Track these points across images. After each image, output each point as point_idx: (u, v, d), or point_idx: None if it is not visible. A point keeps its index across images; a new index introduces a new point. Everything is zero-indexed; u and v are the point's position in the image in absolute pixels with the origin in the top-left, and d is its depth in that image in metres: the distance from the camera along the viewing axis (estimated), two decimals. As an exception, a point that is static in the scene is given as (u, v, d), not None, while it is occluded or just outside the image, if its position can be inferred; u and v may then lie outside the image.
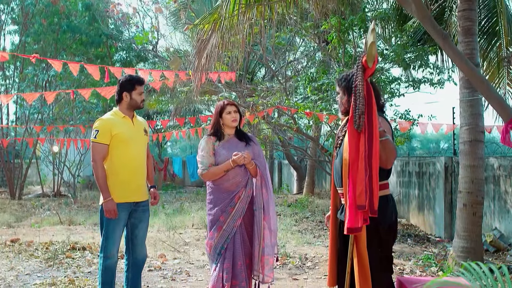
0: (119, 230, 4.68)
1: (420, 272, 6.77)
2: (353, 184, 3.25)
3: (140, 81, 4.77)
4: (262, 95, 10.94)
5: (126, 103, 4.74)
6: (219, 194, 4.64)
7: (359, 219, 3.24)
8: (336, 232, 3.79)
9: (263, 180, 4.63)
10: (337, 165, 3.66)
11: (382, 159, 3.33)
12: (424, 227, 11.87)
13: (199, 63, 8.07)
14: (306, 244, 8.66)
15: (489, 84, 5.34)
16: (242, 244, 4.59)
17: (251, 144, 4.77)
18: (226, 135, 4.74)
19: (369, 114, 3.23)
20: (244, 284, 4.53)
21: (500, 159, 9.37)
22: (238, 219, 4.57)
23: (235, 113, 4.69)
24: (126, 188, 4.66)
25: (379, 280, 3.46)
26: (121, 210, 4.62)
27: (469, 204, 7.31)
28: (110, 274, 4.67)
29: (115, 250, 4.66)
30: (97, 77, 8.79)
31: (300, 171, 19.69)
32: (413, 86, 12.89)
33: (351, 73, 3.59)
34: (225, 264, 4.51)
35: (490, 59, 10.73)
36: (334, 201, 3.82)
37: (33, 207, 15.41)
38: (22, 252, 7.71)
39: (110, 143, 4.61)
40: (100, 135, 4.59)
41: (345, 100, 3.62)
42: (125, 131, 4.67)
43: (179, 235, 9.42)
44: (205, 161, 4.63)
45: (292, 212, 12.50)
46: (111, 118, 4.72)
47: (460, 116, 7.62)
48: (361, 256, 3.38)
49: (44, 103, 16.43)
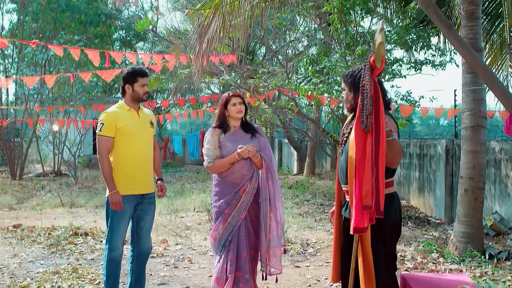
0: (125, 222, 4.70)
1: (421, 259, 6.79)
2: (360, 184, 3.23)
3: (142, 73, 4.75)
4: (263, 78, 10.87)
5: (129, 95, 4.73)
6: (224, 186, 4.64)
7: (365, 219, 3.23)
8: (340, 228, 3.78)
9: (269, 172, 4.62)
10: (342, 163, 3.64)
11: (388, 158, 3.31)
12: (425, 209, 11.91)
13: (200, 48, 8.01)
14: (307, 229, 8.69)
15: (493, 74, 5.30)
16: (246, 236, 4.59)
17: (257, 136, 4.74)
18: (232, 127, 4.72)
19: (376, 114, 3.21)
20: (248, 276, 4.55)
21: (501, 142, 9.35)
22: (243, 212, 4.57)
23: (240, 104, 4.67)
24: (132, 181, 4.67)
25: (383, 278, 3.46)
26: (127, 202, 4.63)
27: (470, 189, 7.32)
28: (115, 265, 4.70)
29: (120, 242, 4.69)
30: (97, 62, 8.72)
31: (300, 151, 19.67)
32: (415, 68, 12.85)
33: (357, 70, 3.55)
34: (230, 255, 4.52)
35: (492, 42, 10.65)
36: (338, 198, 3.81)
37: (34, 188, 15.44)
38: (24, 238, 7.74)
39: (115, 136, 4.62)
40: (105, 128, 4.60)
41: (351, 97, 3.59)
42: (130, 124, 4.67)
43: (180, 219, 9.44)
44: (211, 153, 4.62)
45: (293, 195, 12.52)
46: (116, 111, 4.72)
47: (462, 101, 7.59)
48: (366, 254, 3.38)
49: (43, 84, 16.35)
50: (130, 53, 10.82)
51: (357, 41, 11.51)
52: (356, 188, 3.25)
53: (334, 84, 10.27)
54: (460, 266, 6.52)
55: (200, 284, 5.64)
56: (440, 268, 6.37)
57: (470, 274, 6.11)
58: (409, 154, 13.00)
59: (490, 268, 6.44)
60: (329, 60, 10.66)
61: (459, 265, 6.58)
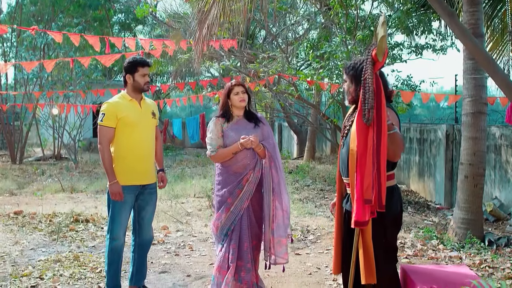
0: (125, 213, 4.72)
1: (421, 246, 6.82)
2: (361, 178, 3.23)
3: (143, 63, 4.73)
4: (263, 63, 10.82)
5: (131, 85, 4.73)
6: (227, 175, 4.65)
7: (366, 213, 3.24)
8: (341, 220, 3.79)
9: (272, 162, 4.62)
10: (343, 155, 3.64)
11: (390, 152, 3.31)
12: (424, 194, 11.94)
13: (200, 34, 7.96)
14: (307, 215, 8.71)
15: (495, 64, 5.27)
16: (249, 226, 4.61)
17: (260, 125, 4.74)
18: (235, 116, 4.72)
19: (378, 108, 3.20)
20: (249, 266, 4.58)
21: (502, 128, 9.34)
22: (246, 201, 4.58)
23: (243, 93, 4.66)
24: (133, 171, 4.68)
25: (384, 270, 3.48)
26: (128, 192, 4.65)
27: (471, 176, 7.33)
28: (116, 255, 4.72)
29: (121, 232, 4.71)
30: (98, 48, 8.66)
31: (300, 135, 19.64)
32: (416, 52, 12.80)
33: (358, 61, 3.53)
34: (231, 245, 4.55)
35: (494, 27, 10.58)
36: (339, 190, 3.81)
37: (35, 173, 15.45)
38: (25, 225, 7.76)
39: (116, 127, 4.61)
40: (106, 118, 4.59)
41: (352, 89, 3.57)
42: (131, 115, 4.66)
43: (181, 205, 9.47)
44: (214, 143, 4.63)
45: (293, 180, 12.55)
46: (118, 101, 4.71)
47: (463, 87, 7.56)
48: (366, 246, 3.39)
49: (43, 69, 16.28)
50: (129, 39, 10.74)
51: (357, 25, 11.44)
52: (358, 182, 3.25)
53: (334, 70, 10.23)
54: (459, 253, 6.54)
55: (201, 272, 5.66)
56: (440, 256, 6.40)
57: (469, 262, 6.15)
58: (409, 138, 13.00)
59: (489, 255, 6.47)
60: (330, 45, 10.61)
61: (459, 252, 6.61)
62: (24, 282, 5.21)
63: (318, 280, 5.35)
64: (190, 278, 5.44)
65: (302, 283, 5.29)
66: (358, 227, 3.30)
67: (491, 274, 5.70)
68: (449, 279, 3.51)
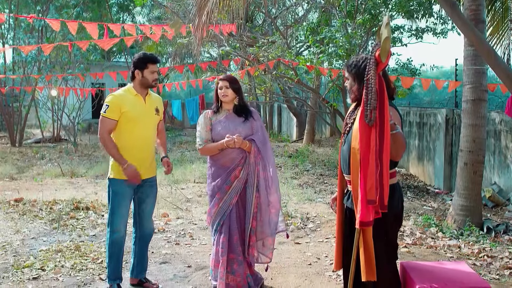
0: (125, 205, 4.73)
1: (420, 234, 6.86)
2: (364, 179, 3.24)
3: (153, 60, 4.70)
4: (263, 48, 10.77)
5: (138, 81, 4.70)
6: (216, 168, 4.74)
7: (370, 213, 3.26)
8: (342, 217, 3.80)
9: (259, 156, 4.65)
10: (344, 152, 3.64)
11: (392, 152, 3.31)
12: (424, 178, 11.97)
13: (199, 21, 7.91)
14: (307, 201, 8.74)
15: (497, 56, 5.24)
16: (237, 220, 4.69)
17: (250, 120, 4.75)
18: (225, 110, 4.76)
19: (381, 109, 3.19)
20: (241, 258, 4.66)
21: (501, 114, 9.33)
22: (234, 197, 4.65)
23: (226, 88, 4.69)
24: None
25: (384, 268, 3.50)
26: (127, 186, 4.67)
27: (470, 163, 7.35)
28: (117, 247, 4.75)
29: (121, 224, 4.72)
30: (96, 35, 8.59)
31: (300, 117, 19.62)
32: (416, 36, 12.73)
33: (361, 59, 3.51)
34: (222, 238, 4.63)
35: (495, 10, 10.50)
36: (340, 186, 3.82)
37: (34, 156, 15.44)
38: (26, 212, 7.78)
39: (119, 120, 4.61)
40: (109, 110, 4.58)
41: (355, 88, 3.55)
42: (134, 110, 4.64)
43: (180, 191, 9.49)
44: (202, 136, 4.73)
45: (293, 164, 12.56)
46: (123, 94, 4.70)
47: (464, 74, 7.54)
48: (367, 244, 3.40)
49: (41, 52, 16.18)
50: (129, 25, 10.65)
51: (358, 8, 11.36)
52: (361, 183, 3.26)
53: (334, 55, 10.18)
54: (458, 241, 6.58)
55: (201, 262, 5.70)
56: (439, 244, 6.43)
57: (468, 251, 6.18)
58: (409, 122, 12.99)
59: (488, 243, 6.51)
60: (330, 29, 10.54)
61: (458, 240, 6.64)
62: (26, 274, 5.23)
63: (317, 271, 5.38)
64: (191, 269, 5.47)
65: (302, 274, 5.32)
66: (363, 227, 3.31)
67: (490, 264, 5.74)
68: (448, 277, 3.54)
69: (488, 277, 5.30)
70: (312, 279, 5.17)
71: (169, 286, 5.00)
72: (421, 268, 3.72)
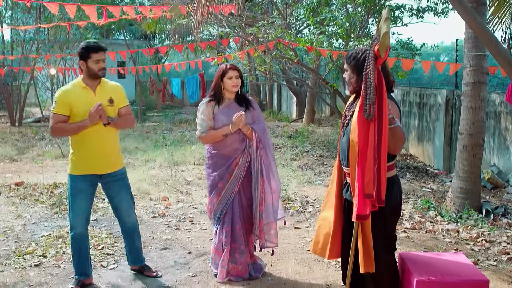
0: (82, 202, 4.58)
1: (419, 218, 6.90)
2: (362, 173, 3.26)
3: (96, 49, 4.46)
4: (263, 29, 10.69)
5: (85, 72, 4.51)
6: (217, 159, 4.74)
7: (368, 207, 3.28)
8: (340, 208, 3.81)
9: (260, 143, 4.67)
10: (343, 145, 3.64)
11: (390, 146, 3.32)
12: (423, 158, 12.00)
13: (199, 3, 7.83)
14: (307, 184, 8.77)
15: (498, 42, 5.20)
16: (240, 209, 4.73)
17: (250, 109, 4.78)
18: (226, 99, 4.76)
19: (379, 103, 3.19)
20: (243, 247, 4.71)
21: (502, 95, 9.31)
22: (236, 185, 4.68)
23: (236, 78, 4.67)
24: (87, 161, 4.54)
25: (383, 259, 3.53)
26: (83, 181, 4.55)
27: (470, 146, 7.36)
28: (75, 244, 4.64)
29: (79, 221, 4.58)
30: (95, 19, 8.52)
31: (300, 96, 19.56)
32: (417, 16, 12.63)
33: (360, 52, 3.49)
34: (225, 228, 4.68)
35: (497, -10, 10.38)
36: (339, 178, 3.83)
37: (34, 137, 15.43)
38: (27, 197, 7.81)
39: (70, 115, 4.47)
40: (57, 106, 4.44)
41: (354, 80, 3.54)
42: (81, 105, 4.44)
43: (180, 173, 9.51)
44: (205, 124, 4.70)
45: (293, 145, 12.57)
46: (70, 89, 4.54)
47: (464, 56, 7.50)
48: (366, 236, 3.43)
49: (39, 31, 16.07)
50: (128, 7, 10.57)
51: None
52: (359, 176, 3.28)
53: (334, 36, 10.11)
54: (457, 225, 6.62)
55: (202, 248, 5.73)
56: (438, 229, 6.48)
57: (466, 235, 6.23)
58: (408, 102, 12.98)
59: (486, 227, 6.55)
60: (330, 9, 10.45)
61: (456, 224, 6.68)
62: (28, 261, 5.28)
63: (317, 257, 5.41)
64: (191, 255, 5.51)
65: (301, 260, 5.37)
66: (360, 220, 3.34)
67: (488, 249, 5.78)
68: (446, 270, 3.57)
69: (486, 264, 5.34)
70: (311, 266, 5.22)
71: (169, 273, 5.04)
72: (420, 260, 3.75)
